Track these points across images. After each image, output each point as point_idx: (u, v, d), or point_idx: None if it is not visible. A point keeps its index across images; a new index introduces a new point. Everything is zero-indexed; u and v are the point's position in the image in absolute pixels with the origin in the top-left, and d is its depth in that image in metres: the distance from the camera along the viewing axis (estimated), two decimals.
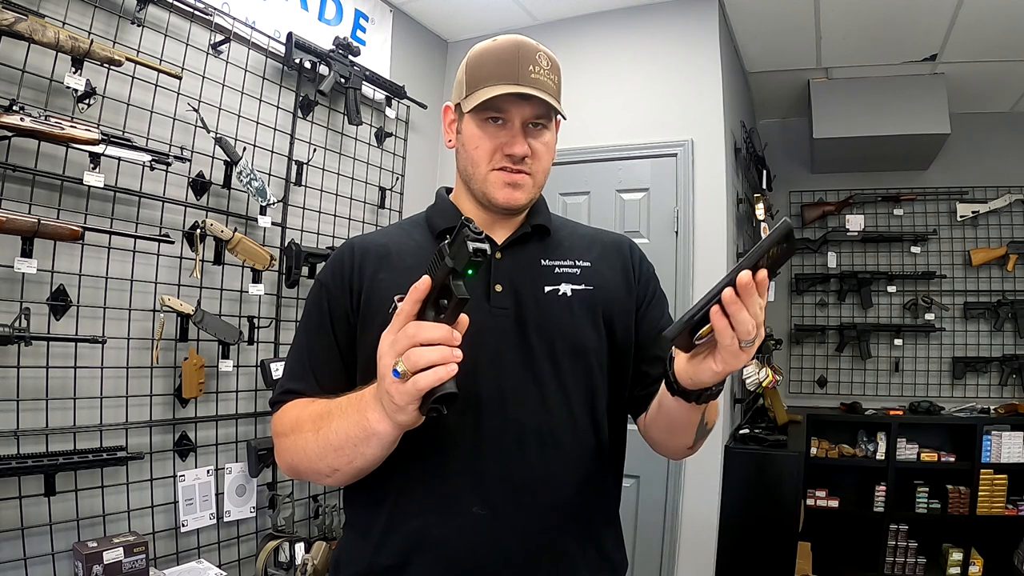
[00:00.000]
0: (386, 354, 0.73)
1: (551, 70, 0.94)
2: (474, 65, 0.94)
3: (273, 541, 2.16)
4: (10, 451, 1.60)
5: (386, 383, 0.73)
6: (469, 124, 0.94)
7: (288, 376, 0.99)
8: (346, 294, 0.95)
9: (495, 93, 0.89)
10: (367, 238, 1.03)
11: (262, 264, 2.17)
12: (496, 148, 0.93)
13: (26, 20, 1.55)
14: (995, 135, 3.82)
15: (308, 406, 0.90)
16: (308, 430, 0.86)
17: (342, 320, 0.95)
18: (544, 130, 0.95)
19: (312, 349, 0.97)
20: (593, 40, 2.97)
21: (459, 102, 0.96)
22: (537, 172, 0.96)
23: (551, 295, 0.96)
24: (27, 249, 1.59)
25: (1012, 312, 3.71)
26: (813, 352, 4.13)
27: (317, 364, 0.96)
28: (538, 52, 0.93)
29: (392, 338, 0.73)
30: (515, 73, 0.90)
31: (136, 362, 1.90)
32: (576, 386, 0.94)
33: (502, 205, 0.94)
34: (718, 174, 2.75)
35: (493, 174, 0.94)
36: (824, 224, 4.13)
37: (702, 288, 2.75)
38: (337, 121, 2.61)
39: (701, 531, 2.66)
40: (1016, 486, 3.39)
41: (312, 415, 0.88)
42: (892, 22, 2.93)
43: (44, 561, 1.66)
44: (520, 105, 0.91)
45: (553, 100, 0.92)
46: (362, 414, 0.78)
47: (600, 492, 0.98)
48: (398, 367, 0.70)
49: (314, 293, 1.00)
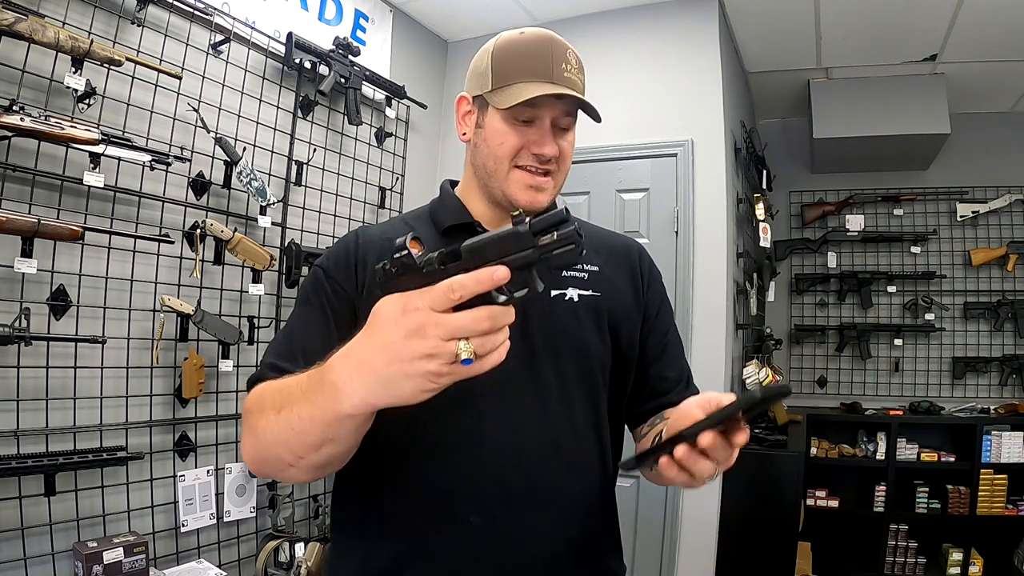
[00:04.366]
0: (433, 336, 0.60)
1: (579, 69, 0.91)
2: (502, 57, 0.89)
3: (273, 541, 2.17)
4: (10, 451, 1.60)
5: (434, 364, 0.61)
6: (495, 118, 0.90)
7: (274, 352, 0.90)
8: (351, 281, 0.91)
9: (535, 93, 0.85)
10: (371, 230, 0.99)
11: (262, 264, 2.17)
12: (523, 146, 0.89)
13: (26, 20, 1.55)
14: (995, 135, 3.82)
15: (276, 384, 0.79)
16: (269, 408, 0.75)
17: (343, 308, 0.90)
18: (569, 131, 0.92)
19: (305, 329, 0.91)
20: (593, 40, 2.97)
21: (481, 94, 0.91)
22: (559, 173, 0.94)
23: (557, 300, 0.93)
24: (27, 249, 1.59)
25: (1012, 312, 3.71)
26: (813, 352, 4.13)
27: (308, 344, 0.88)
28: (568, 50, 0.90)
29: (442, 320, 0.60)
30: (549, 70, 0.86)
31: (136, 362, 1.90)
32: (579, 394, 0.92)
33: (524, 208, 0.88)
34: (718, 174, 2.75)
35: (516, 172, 0.90)
36: (824, 224, 4.13)
37: (702, 288, 2.75)
38: (337, 121, 2.61)
39: (701, 531, 2.66)
40: (1016, 486, 3.39)
41: (274, 390, 0.77)
42: (892, 22, 2.93)
43: (44, 561, 1.66)
44: (552, 104, 0.87)
45: (586, 100, 0.89)
46: (329, 399, 0.67)
47: (599, 500, 0.97)
48: (465, 353, 0.59)
49: (312, 278, 0.95)
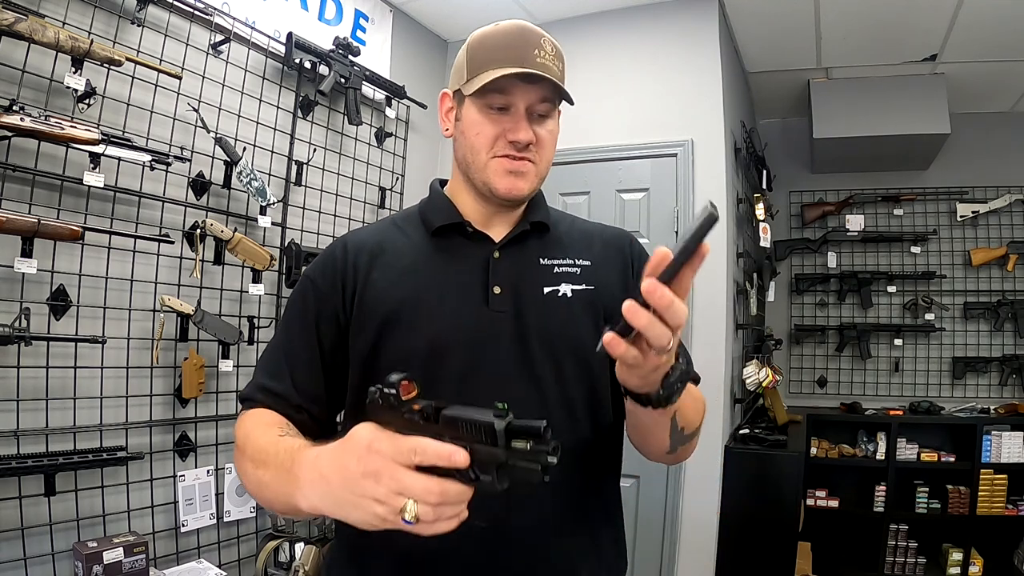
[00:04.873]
0: (385, 485, 0.60)
1: (556, 56, 0.89)
2: (476, 48, 0.89)
3: (273, 541, 2.16)
4: (10, 451, 1.60)
5: (368, 504, 0.62)
6: (470, 109, 0.89)
7: (264, 372, 0.93)
8: (337, 293, 0.91)
9: (500, 74, 0.84)
10: (359, 235, 0.99)
11: (262, 264, 2.17)
12: (499, 134, 0.88)
13: (26, 20, 1.55)
14: (995, 135, 3.82)
15: (261, 431, 0.84)
16: (248, 458, 0.82)
17: (330, 320, 0.91)
18: (548, 118, 0.91)
19: (292, 347, 0.92)
20: (593, 40, 2.97)
21: (459, 88, 0.91)
22: (540, 161, 0.91)
23: (551, 296, 0.93)
24: (27, 249, 1.59)
25: (1012, 312, 3.71)
26: (813, 352, 4.13)
27: (296, 364, 0.91)
28: (543, 37, 0.89)
29: (398, 474, 0.60)
30: (521, 56, 0.85)
31: (136, 362, 1.89)
32: (578, 391, 0.92)
33: (503, 195, 0.89)
34: (718, 174, 2.75)
35: (495, 161, 0.89)
36: (824, 224, 4.13)
37: (702, 289, 2.75)
38: (337, 121, 2.61)
39: (701, 531, 2.66)
40: (1016, 486, 3.39)
41: (255, 446, 0.81)
42: (892, 22, 2.93)
43: (44, 561, 1.65)
44: (525, 89, 0.86)
45: (560, 83, 0.88)
46: (291, 488, 0.71)
47: (602, 497, 0.97)
48: (408, 514, 0.59)
49: (300, 289, 0.95)
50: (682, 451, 0.91)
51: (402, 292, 0.90)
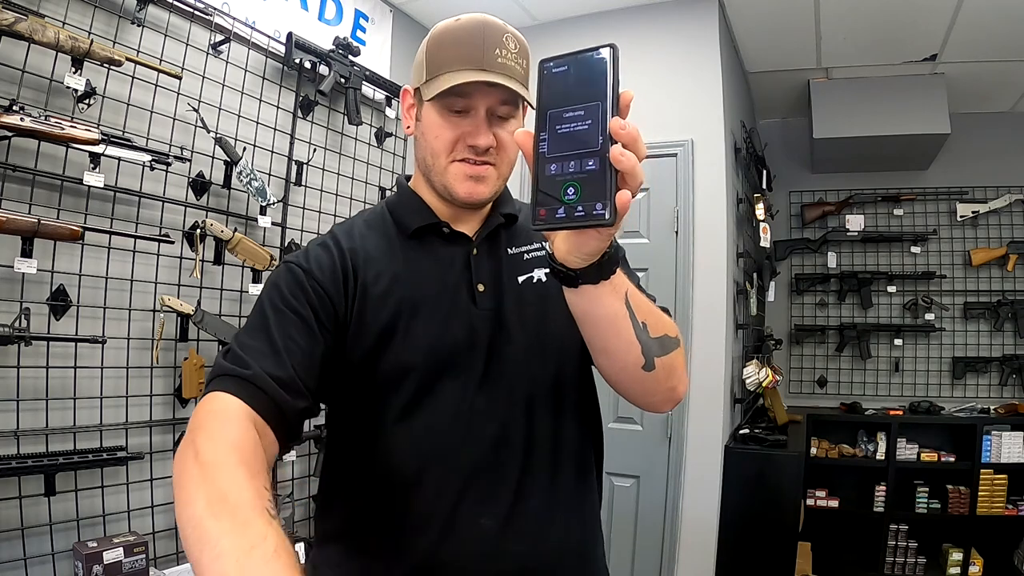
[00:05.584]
0: None
1: (519, 53, 0.85)
2: (435, 46, 0.85)
3: None
4: (10, 451, 1.60)
5: None
6: (429, 112, 0.86)
7: (255, 351, 0.77)
8: (340, 293, 0.85)
9: (458, 80, 0.80)
10: (340, 240, 0.90)
11: (262, 264, 2.17)
12: (458, 138, 0.85)
13: (26, 20, 1.55)
14: (995, 135, 3.82)
15: (246, 477, 0.62)
16: (208, 485, 0.61)
17: (330, 318, 0.84)
18: (510, 119, 0.87)
19: (287, 331, 0.79)
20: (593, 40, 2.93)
21: (419, 86, 0.88)
22: (502, 164, 0.88)
23: (526, 284, 0.91)
24: (27, 249, 1.58)
25: (1012, 312, 3.71)
26: (813, 352, 4.13)
27: (293, 347, 0.78)
28: (505, 34, 0.84)
29: None
30: (480, 57, 0.81)
31: (136, 362, 1.89)
32: (566, 380, 0.92)
33: (463, 199, 0.87)
34: (718, 174, 2.76)
35: (454, 166, 0.86)
36: (824, 224, 4.14)
37: (702, 288, 2.76)
38: (337, 121, 2.61)
39: (701, 531, 2.66)
40: (1016, 486, 3.40)
41: (234, 498, 0.59)
42: (892, 22, 2.93)
43: (44, 561, 1.65)
44: (485, 92, 0.83)
45: (521, 88, 0.83)
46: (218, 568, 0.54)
47: (592, 489, 0.97)
48: None
49: (290, 276, 0.85)
50: (663, 370, 0.78)
51: (396, 301, 0.87)
